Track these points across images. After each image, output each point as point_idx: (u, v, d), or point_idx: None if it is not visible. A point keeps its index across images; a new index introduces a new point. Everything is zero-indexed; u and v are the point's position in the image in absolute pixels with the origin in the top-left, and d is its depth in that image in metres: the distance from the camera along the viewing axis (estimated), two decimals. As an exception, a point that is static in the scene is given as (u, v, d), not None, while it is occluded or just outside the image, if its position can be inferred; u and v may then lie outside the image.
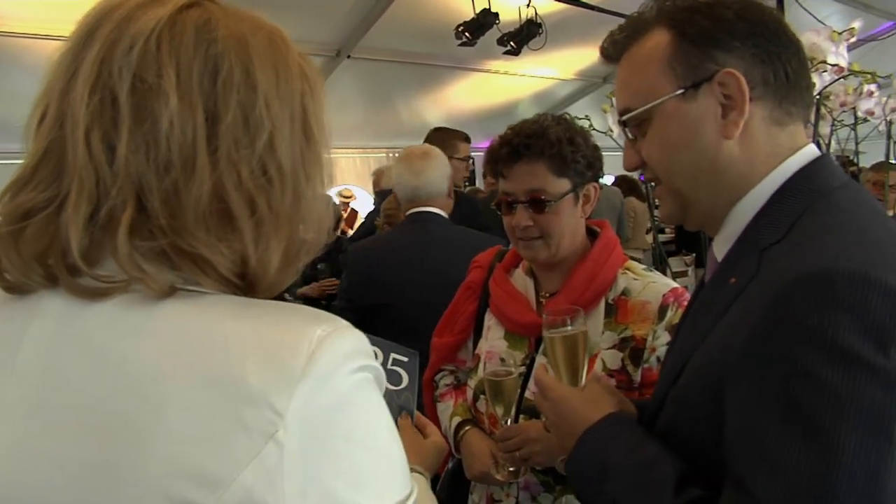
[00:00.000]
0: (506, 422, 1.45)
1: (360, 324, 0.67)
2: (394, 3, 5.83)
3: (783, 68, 0.92)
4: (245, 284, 0.70)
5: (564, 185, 1.55)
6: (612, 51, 1.04)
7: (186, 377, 0.59)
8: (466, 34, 5.36)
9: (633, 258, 1.68)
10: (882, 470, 0.70)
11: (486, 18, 5.17)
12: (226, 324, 0.63)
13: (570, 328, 1.26)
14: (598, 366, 1.50)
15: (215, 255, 0.66)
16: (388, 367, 1.18)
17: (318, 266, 4.71)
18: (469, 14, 5.44)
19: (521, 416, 1.54)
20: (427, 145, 2.71)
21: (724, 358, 0.83)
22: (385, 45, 6.97)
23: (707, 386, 0.86)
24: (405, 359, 1.21)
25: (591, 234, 1.68)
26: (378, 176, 4.27)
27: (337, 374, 0.62)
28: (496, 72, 8.03)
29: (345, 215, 8.84)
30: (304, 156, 0.73)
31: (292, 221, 0.72)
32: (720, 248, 1.00)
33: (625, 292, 1.56)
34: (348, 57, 7.02)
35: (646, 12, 0.99)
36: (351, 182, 9.81)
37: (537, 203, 1.54)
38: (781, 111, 0.94)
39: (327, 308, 3.64)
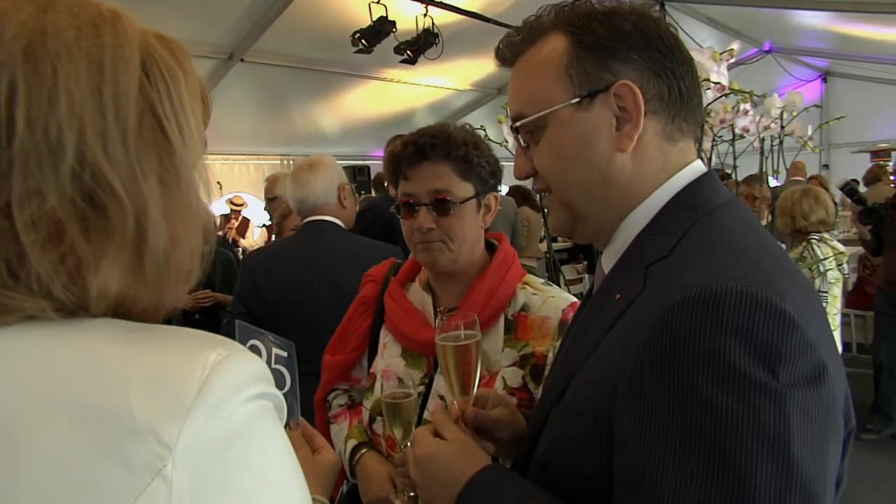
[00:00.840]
0: (405, 445, 1.37)
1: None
2: (289, 6, 5.69)
3: (677, 84, 0.91)
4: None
5: (468, 189, 1.51)
6: (508, 53, 1.01)
7: (53, 415, 0.52)
8: (363, 41, 5.31)
9: (527, 266, 1.66)
10: (786, 492, 0.68)
11: (383, 26, 5.14)
12: (107, 349, 0.56)
13: (462, 336, 1.21)
14: (498, 384, 1.46)
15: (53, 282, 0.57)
16: (273, 366, 1.09)
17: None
18: (366, 21, 5.38)
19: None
20: (317, 156, 2.73)
21: (610, 379, 0.80)
22: (280, 49, 6.81)
23: (594, 409, 0.83)
24: (284, 353, 1.12)
25: (489, 248, 1.64)
26: (271, 182, 4.12)
27: (232, 402, 0.55)
28: (393, 80, 8.01)
29: (235, 223, 8.53)
30: (155, 162, 0.62)
31: (137, 242, 0.61)
32: (608, 261, 0.98)
33: (524, 308, 1.53)
34: (241, 60, 6.80)
35: (543, 16, 0.96)
36: (243, 189, 9.49)
37: (441, 204, 1.49)
38: (674, 127, 0.93)
39: (202, 323, 3.49)
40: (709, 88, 2.57)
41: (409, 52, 5.68)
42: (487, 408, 1.21)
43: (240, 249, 7.88)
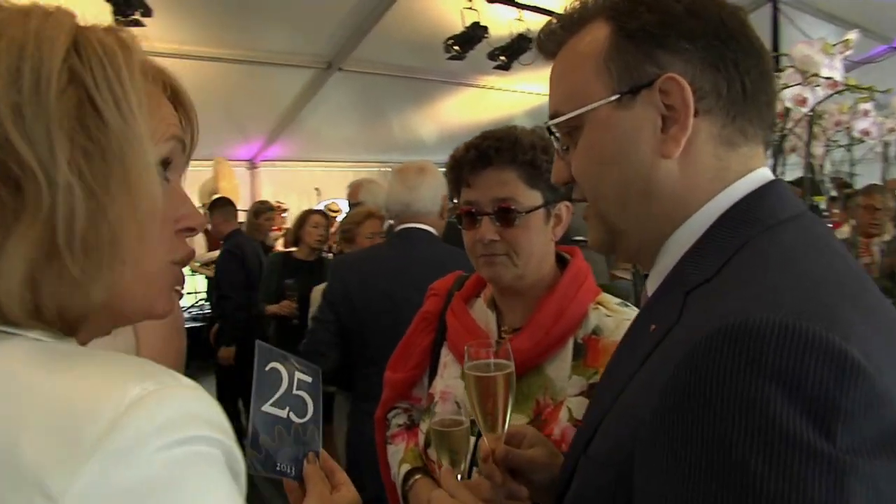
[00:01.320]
0: (456, 477, 1.26)
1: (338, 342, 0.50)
2: (385, 15, 5.72)
3: (740, 79, 0.77)
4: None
5: (536, 197, 1.39)
6: (549, 44, 0.89)
7: None
8: (456, 47, 5.27)
9: (622, 279, 1.51)
10: None
11: (476, 32, 5.08)
12: (10, 377, 0.50)
13: (491, 366, 1.10)
14: (563, 414, 1.32)
15: None
16: (294, 391, 1.01)
17: (287, 282, 4.47)
18: (459, 27, 5.32)
19: (475, 469, 1.36)
20: (424, 161, 2.62)
21: (633, 427, 0.66)
22: (377, 57, 6.88)
23: (617, 462, 0.70)
24: (309, 379, 1.04)
25: (561, 262, 1.51)
26: (355, 188, 4.09)
27: (150, 446, 0.48)
28: (488, 87, 7.93)
29: (333, 230, 8.65)
30: (79, 139, 0.57)
31: (49, 225, 0.55)
32: (652, 285, 0.84)
33: (596, 331, 1.38)
34: (339, 69, 6.93)
35: (589, 1, 0.84)
36: (342, 196, 9.67)
37: (505, 214, 1.37)
38: (733, 129, 0.78)
39: (300, 329, 3.47)
40: (818, 85, 2.31)
41: (502, 57, 5.59)
42: (523, 447, 1.09)
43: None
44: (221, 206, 5.72)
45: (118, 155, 0.59)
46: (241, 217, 7.14)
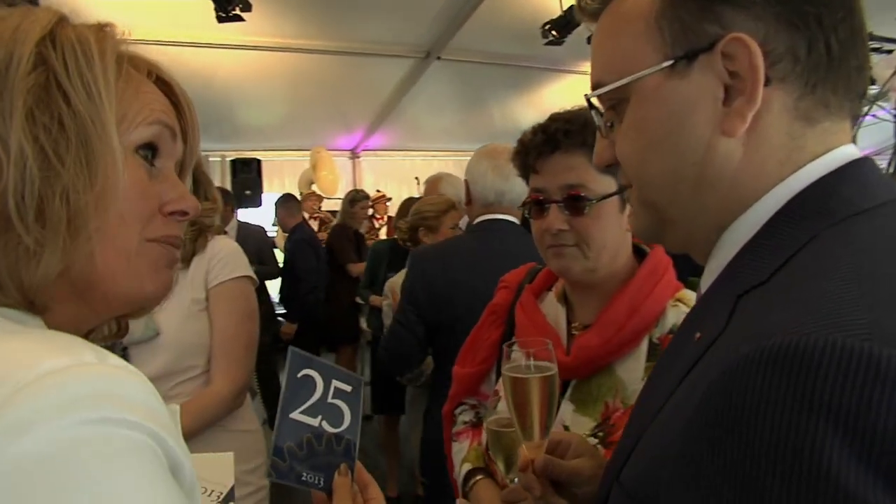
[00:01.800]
0: (510, 480, 1.19)
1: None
2: (483, 2, 5.63)
3: (824, 38, 0.62)
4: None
5: (609, 184, 1.27)
6: (590, 5, 0.76)
7: None
8: (553, 32, 5.12)
9: None
10: None
11: (573, 15, 4.87)
12: None
13: (531, 367, 1.02)
14: (632, 419, 1.22)
15: None
16: (329, 400, 0.97)
17: (389, 275, 4.45)
18: (557, 12, 5.16)
19: (509, 477, 1.28)
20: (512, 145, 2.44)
21: (662, 460, 0.56)
22: (475, 45, 6.81)
23: (645, 495, 0.60)
24: (348, 388, 0.99)
25: (640, 255, 1.39)
26: (434, 182, 3.99)
27: (50, 421, 0.44)
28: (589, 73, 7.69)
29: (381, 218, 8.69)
30: (42, 117, 0.59)
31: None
32: (705, 283, 0.72)
33: (673, 329, 1.26)
34: (438, 58, 6.91)
35: None
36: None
37: (574, 202, 1.27)
38: (813, 100, 0.64)
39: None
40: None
41: (599, 41, 5.39)
42: (568, 457, 1.00)
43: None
44: (284, 201, 6.18)
45: (80, 132, 0.59)
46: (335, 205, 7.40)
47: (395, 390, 3.95)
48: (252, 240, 5.31)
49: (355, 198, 6.07)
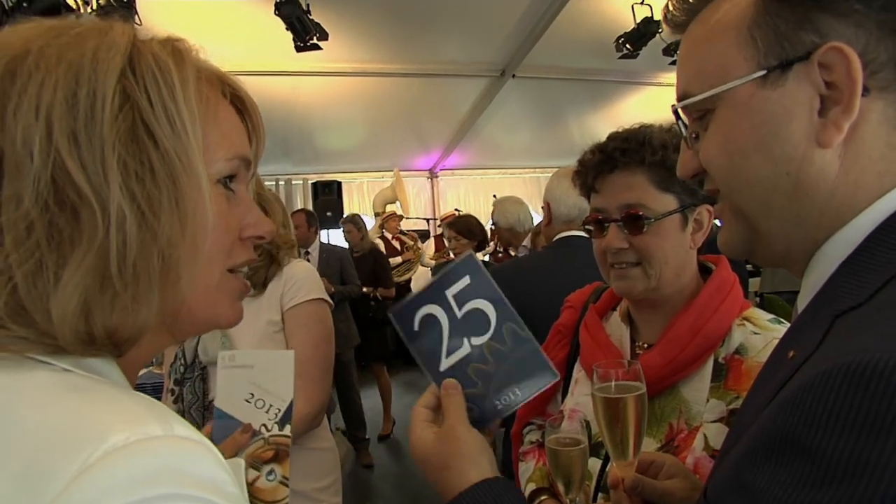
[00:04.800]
0: (572, 501, 1.19)
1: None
2: (556, 19, 5.65)
3: None
4: (43, 334, 0.56)
5: (669, 202, 1.26)
6: (680, 15, 0.75)
7: None
8: (627, 45, 5.06)
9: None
10: None
11: (648, 28, 4.86)
12: (16, 412, 0.50)
13: (621, 388, 1.02)
14: (698, 442, 1.19)
15: None
16: (460, 312, 0.87)
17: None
18: (632, 25, 5.12)
19: (601, 495, 1.27)
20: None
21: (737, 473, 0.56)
22: (550, 62, 6.83)
23: None
24: (466, 279, 0.88)
25: (705, 273, 1.37)
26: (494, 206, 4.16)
27: (118, 502, 0.45)
28: (667, 84, 7.56)
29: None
30: (132, 163, 0.58)
31: (101, 252, 0.56)
32: (802, 301, 0.70)
33: (740, 350, 1.23)
34: (513, 76, 6.96)
35: None
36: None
37: (633, 221, 1.26)
38: None
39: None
40: None
41: (677, 51, 5.29)
42: (660, 477, 0.99)
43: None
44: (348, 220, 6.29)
45: (170, 175, 0.59)
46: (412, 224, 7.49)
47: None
48: (334, 260, 5.46)
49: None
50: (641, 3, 4.93)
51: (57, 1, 3.31)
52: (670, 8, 0.77)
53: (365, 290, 5.74)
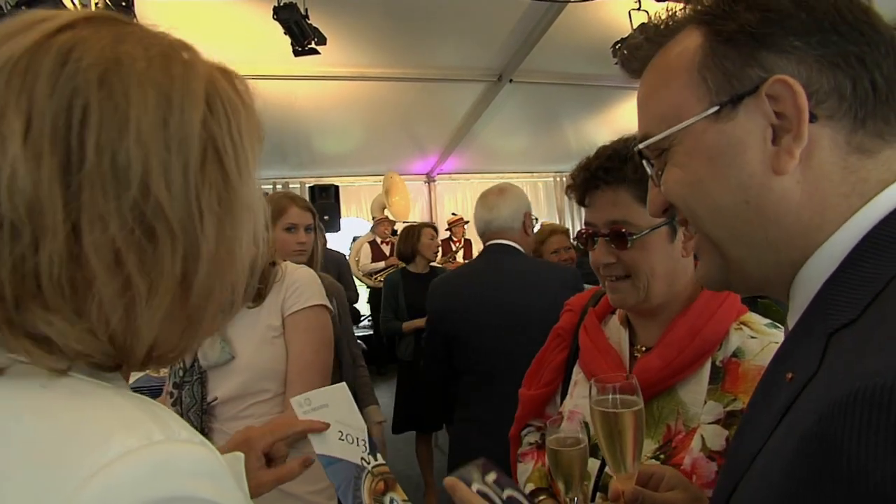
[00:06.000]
0: (571, 500, 1.20)
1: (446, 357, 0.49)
2: (553, 25, 5.67)
3: (868, 76, 0.65)
4: (115, 355, 0.57)
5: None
6: (634, 61, 0.80)
7: None
8: (625, 51, 5.05)
9: None
10: None
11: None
12: (23, 421, 0.50)
13: (618, 402, 1.04)
14: (695, 443, 1.21)
15: (52, 331, 0.53)
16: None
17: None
18: (628, 30, 5.14)
19: (599, 494, 1.29)
20: (506, 183, 2.88)
21: None
22: (547, 67, 6.84)
23: None
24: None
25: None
26: None
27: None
28: (664, 90, 7.57)
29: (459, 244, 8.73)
30: (214, 198, 0.59)
31: (183, 282, 0.57)
32: (791, 320, 0.71)
33: (737, 353, 1.25)
34: (510, 81, 6.96)
35: (678, 11, 0.75)
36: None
37: (618, 237, 1.29)
38: (865, 133, 0.65)
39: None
40: None
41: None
42: (661, 489, 1.01)
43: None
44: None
45: (239, 216, 0.61)
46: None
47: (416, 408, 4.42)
48: (332, 265, 5.43)
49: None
50: (638, 9, 4.94)
51: (56, 3, 3.31)
52: (626, 54, 0.83)
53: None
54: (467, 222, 8.30)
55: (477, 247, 8.31)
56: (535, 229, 3.91)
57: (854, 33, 0.65)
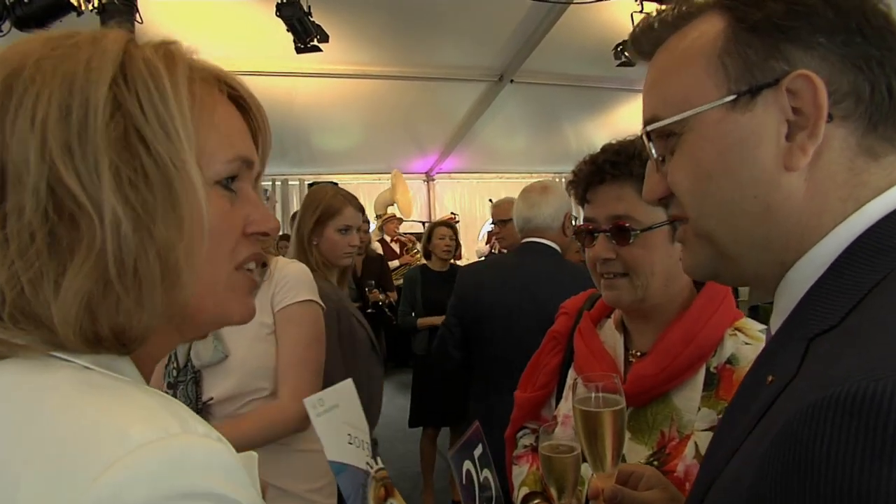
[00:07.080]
0: (563, 505, 1.20)
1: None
2: (555, 26, 5.67)
3: (886, 81, 0.64)
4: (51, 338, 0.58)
5: (657, 214, 1.27)
6: (645, 42, 0.77)
7: None
8: (626, 53, 5.07)
9: None
10: None
11: (646, 36, 4.84)
12: (42, 410, 0.51)
13: (600, 401, 1.05)
14: (689, 450, 1.21)
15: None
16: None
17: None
18: (629, 32, 5.14)
19: (592, 501, 1.29)
20: (548, 181, 2.83)
21: None
22: (548, 68, 6.86)
23: None
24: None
25: (698, 284, 1.39)
26: (505, 205, 4.20)
27: (140, 499, 0.46)
28: (665, 93, 7.58)
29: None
30: (126, 170, 0.58)
31: (104, 252, 0.57)
32: (775, 324, 0.71)
33: (731, 360, 1.25)
34: (511, 81, 6.98)
35: None
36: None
37: (621, 232, 1.29)
38: (876, 137, 0.65)
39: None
40: None
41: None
42: (640, 488, 1.01)
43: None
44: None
45: (164, 180, 0.59)
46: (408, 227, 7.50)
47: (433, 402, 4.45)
48: (375, 263, 5.73)
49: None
50: (640, 10, 4.94)
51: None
52: (637, 34, 0.79)
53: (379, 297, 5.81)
54: (457, 222, 8.30)
55: (469, 250, 8.35)
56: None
57: (877, 37, 0.65)
